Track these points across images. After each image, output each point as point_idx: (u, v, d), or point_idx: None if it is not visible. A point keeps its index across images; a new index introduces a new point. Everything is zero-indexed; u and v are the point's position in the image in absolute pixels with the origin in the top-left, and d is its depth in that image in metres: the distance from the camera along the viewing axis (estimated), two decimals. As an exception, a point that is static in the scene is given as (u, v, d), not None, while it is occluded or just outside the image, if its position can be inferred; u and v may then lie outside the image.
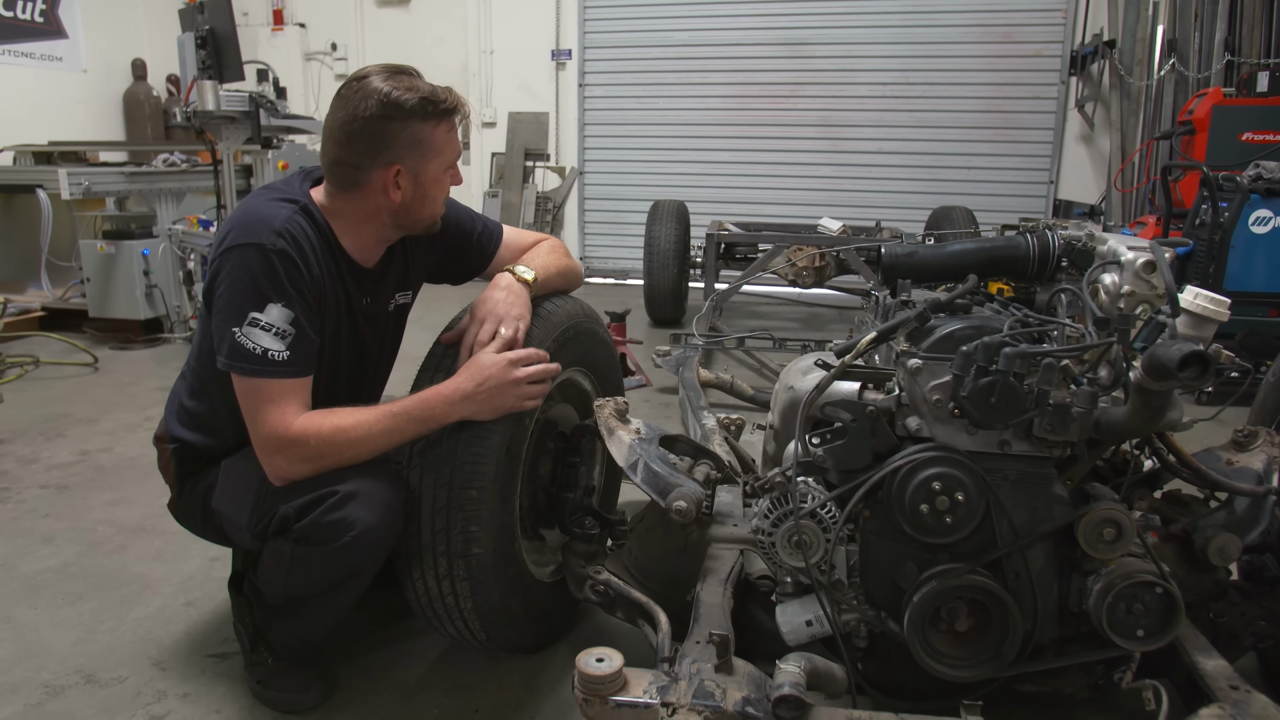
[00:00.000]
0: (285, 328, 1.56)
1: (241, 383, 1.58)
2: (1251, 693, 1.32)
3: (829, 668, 1.37)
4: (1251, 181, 4.02)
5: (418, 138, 1.64)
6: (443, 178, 1.72)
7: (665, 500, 1.64)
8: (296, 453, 1.57)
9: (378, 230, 1.73)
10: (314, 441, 1.56)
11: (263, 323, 1.55)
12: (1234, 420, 1.77)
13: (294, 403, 1.58)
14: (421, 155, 1.66)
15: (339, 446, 1.58)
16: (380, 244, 1.78)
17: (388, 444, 1.62)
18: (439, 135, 1.66)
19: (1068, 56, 6.75)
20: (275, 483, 1.60)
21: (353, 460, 1.59)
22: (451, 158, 1.72)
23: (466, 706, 1.78)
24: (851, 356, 1.49)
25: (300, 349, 1.58)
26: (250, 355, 1.54)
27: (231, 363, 1.56)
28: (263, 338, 1.55)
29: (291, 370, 1.57)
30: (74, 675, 1.87)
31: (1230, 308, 1.37)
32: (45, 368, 4.50)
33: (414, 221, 1.74)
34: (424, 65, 1.75)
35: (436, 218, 1.78)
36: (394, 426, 1.61)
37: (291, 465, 1.58)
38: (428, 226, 1.78)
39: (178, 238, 5.06)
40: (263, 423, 1.57)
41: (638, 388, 4.14)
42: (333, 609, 1.72)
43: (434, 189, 1.71)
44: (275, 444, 1.57)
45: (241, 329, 1.54)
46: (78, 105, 7.36)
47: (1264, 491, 1.55)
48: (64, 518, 2.69)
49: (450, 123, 1.69)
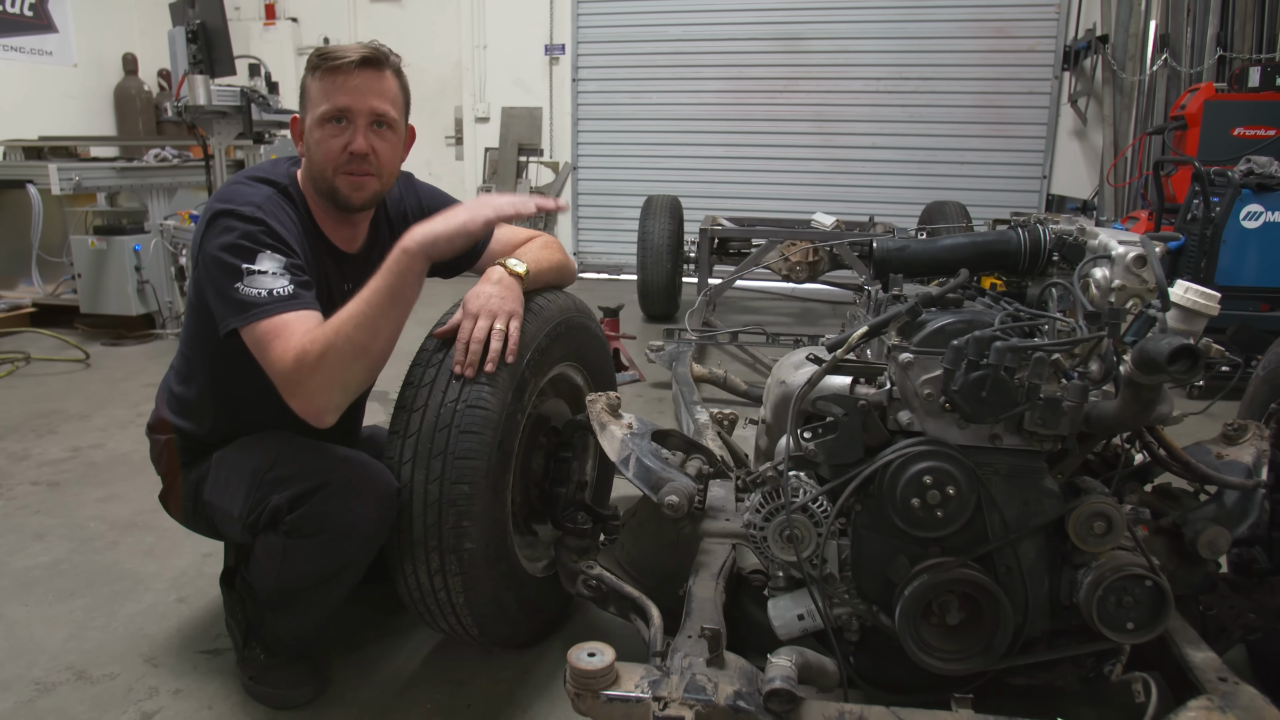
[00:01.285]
0: (281, 270, 1.57)
1: (252, 333, 1.53)
2: (1240, 685, 1.33)
3: (821, 662, 1.37)
4: (1243, 176, 4.03)
5: (304, 86, 1.71)
6: (316, 130, 1.68)
7: (657, 495, 1.64)
8: (303, 376, 1.50)
9: (320, 202, 1.75)
10: (302, 354, 1.49)
11: (258, 269, 1.55)
12: (1224, 414, 1.77)
13: (301, 332, 1.53)
14: (303, 105, 1.72)
15: (326, 340, 1.50)
16: (338, 223, 1.78)
17: (367, 310, 1.53)
18: (312, 84, 1.69)
19: (1061, 52, 6.76)
20: (315, 422, 1.55)
21: (355, 346, 1.51)
22: (321, 108, 1.66)
23: (459, 701, 1.78)
24: (843, 351, 1.50)
25: (303, 285, 1.59)
26: (257, 300, 1.53)
27: (242, 317, 1.53)
28: (263, 280, 1.55)
29: (298, 303, 1.56)
30: (65, 672, 1.86)
31: (1221, 302, 1.37)
32: (36, 364, 4.48)
33: (313, 181, 1.72)
34: (417, 60, 1.75)
35: (331, 182, 1.69)
36: (375, 297, 1.54)
37: (309, 391, 1.51)
38: (328, 190, 1.70)
39: (169, 233, 5.04)
40: (274, 363, 1.51)
41: (631, 383, 4.15)
42: (325, 602, 1.72)
43: (309, 141, 1.71)
44: (289, 375, 1.51)
45: (243, 282, 1.54)
46: (68, 100, 7.32)
47: (1253, 485, 1.56)
48: (55, 514, 2.68)
49: (325, 72, 1.67)
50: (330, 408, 1.54)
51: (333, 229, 1.74)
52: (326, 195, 1.73)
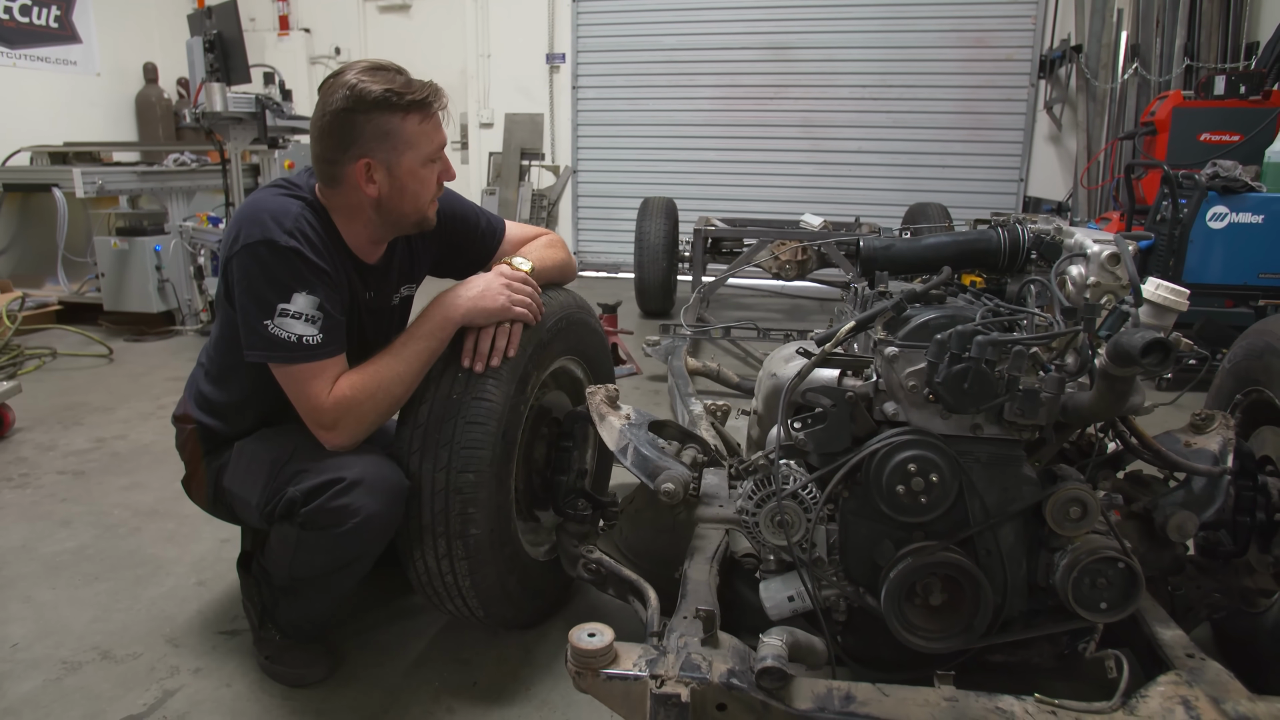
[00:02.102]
0: (314, 313, 1.55)
1: (281, 370, 1.58)
2: (1206, 661, 1.33)
3: (810, 641, 1.37)
4: (1209, 180, 4.02)
5: (385, 129, 1.56)
6: (420, 171, 1.62)
7: (654, 482, 1.64)
8: (345, 414, 1.57)
9: (368, 226, 1.67)
10: (350, 395, 1.57)
11: (292, 311, 1.53)
12: (1192, 405, 1.77)
13: (332, 378, 1.58)
14: (392, 147, 1.57)
15: (372, 389, 1.58)
16: (376, 241, 1.72)
17: (410, 367, 1.62)
18: (409, 127, 1.57)
19: (1037, 61, 6.75)
20: (334, 449, 1.61)
21: (391, 399, 1.61)
22: (428, 150, 1.61)
23: (466, 679, 1.78)
24: (832, 345, 1.49)
25: (331, 329, 1.58)
26: (286, 344, 1.53)
27: (270, 354, 1.55)
28: (294, 325, 1.53)
29: (327, 351, 1.57)
30: (91, 652, 1.86)
31: (1189, 299, 1.37)
32: (62, 359, 4.46)
33: (399, 216, 1.66)
34: (424, 68, 1.71)
35: (425, 213, 1.69)
36: (409, 350, 1.62)
37: (346, 429, 1.59)
38: (417, 223, 1.70)
39: (188, 234, 5.02)
40: (308, 401, 1.58)
41: (628, 376, 4.13)
42: (335, 591, 1.71)
43: (411, 182, 1.62)
44: (323, 418, 1.58)
45: (273, 321, 1.53)
46: (92, 107, 7.28)
47: (1219, 471, 1.56)
48: (81, 502, 2.67)
49: (424, 114, 1.59)
50: (355, 442, 1.62)
51: (357, 243, 1.69)
52: (415, 226, 1.71)
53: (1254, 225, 3.97)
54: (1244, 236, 3.97)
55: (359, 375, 1.59)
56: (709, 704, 1.23)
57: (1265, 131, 4.55)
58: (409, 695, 1.72)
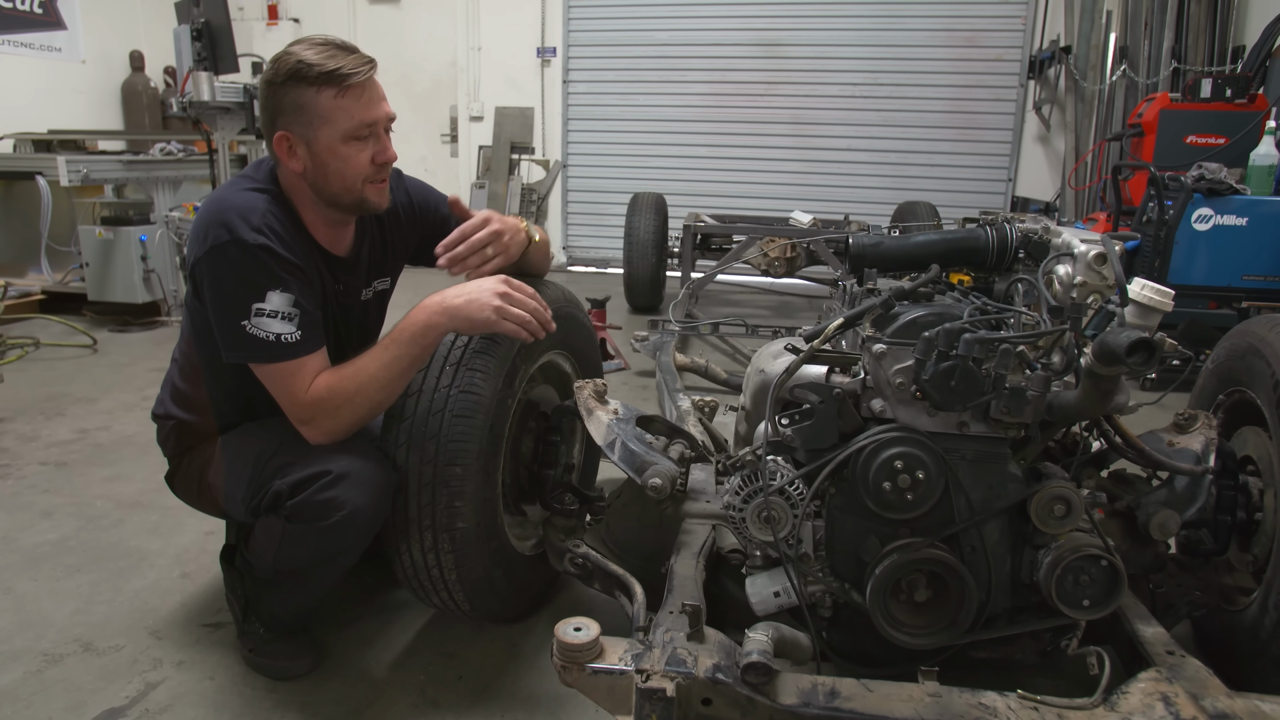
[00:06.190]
0: (290, 310, 1.53)
1: (262, 369, 1.56)
2: (1186, 658, 1.34)
3: (795, 636, 1.37)
4: (1195, 182, 4.05)
5: (298, 103, 1.52)
6: (341, 149, 1.56)
7: (641, 477, 1.64)
8: (320, 412, 1.56)
9: (317, 208, 1.64)
10: (326, 396, 1.55)
11: (268, 310, 1.51)
12: (1175, 405, 1.78)
13: (312, 374, 1.56)
14: (307, 122, 1.53)
15: (349, 392, 1.55)
16: (333, 226, 1.69)
17: (390, 373, 1.57)
18: (322, 101, 1.52)
19: (1026, 61, 6.78)
20: (316, 444, 1.59)
21: (371, 403, 1.57)
22: (346, 126, 1.54)
23: (451, 673, 1.77)
24: (820, 341, 1.49)
25: (308, 325, 1.56)
26: (265, 344, 1.52)
27: (250, 354, 1.53)
28: (272, 324, 1.51)
29: (306, 347, 1.55)
30: (73, 644, 1.84)
31: (1173, 299, 1.38)
32: (45, 349, 4.41)
33: (330, 196, 1.61)
34: (414, 61, 1.70)
35: (359, 194, 1.62)
36: (389, 355, 1.57)
37: (322, 426, 1.57)
38: (355, 204, 1.63)
39: (174, 224, 4.98)
40: (289, 397, 1.56)
41: (616, 371, 4.13)
42: (319, 584, 1.70)
43: (332, 160, 1.56)
44: (301, 413, 1.57)
45: (250, 321, 1.51)
46: (77, 95, 7.19)
47: (1201, 471, 1.57)
48: (63, 493, 2.65)
49: (338, 89, 1.52)
50: (334, 439, 1.59)
51: (323, 233, 1.67)
52: (352, 207, 1.65)
53: (1238, 228, 4.00)
54: (1228, 239, 4.01)
55: (335, 376, 1.56)
56: (694, 699, 1.23)
57: (1250, 135, 4.58)
58: (394, 688, 1.72)
